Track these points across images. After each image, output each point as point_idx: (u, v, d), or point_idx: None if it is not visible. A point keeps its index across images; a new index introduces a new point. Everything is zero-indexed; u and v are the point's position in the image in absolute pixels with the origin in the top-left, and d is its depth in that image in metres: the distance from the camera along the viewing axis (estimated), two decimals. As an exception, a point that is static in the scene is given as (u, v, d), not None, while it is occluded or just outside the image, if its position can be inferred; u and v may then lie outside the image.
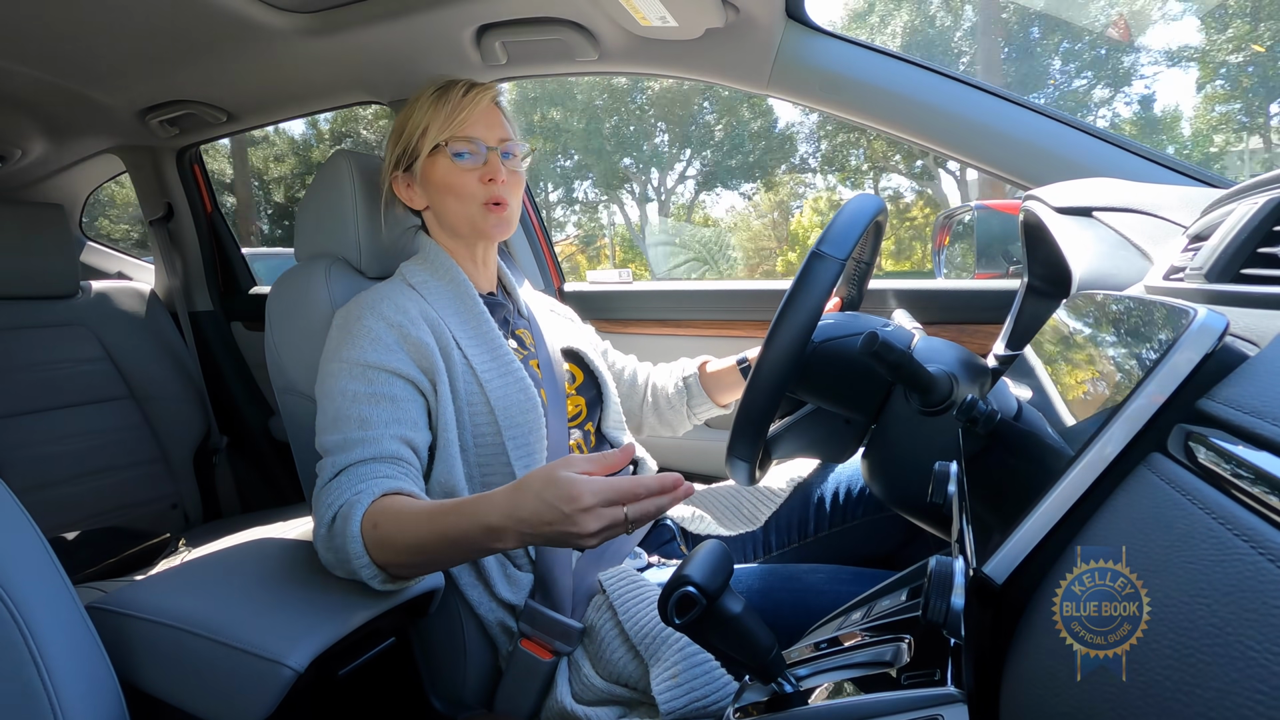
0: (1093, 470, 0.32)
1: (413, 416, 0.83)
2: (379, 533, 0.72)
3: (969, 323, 1.17)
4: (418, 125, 0.93)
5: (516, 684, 0.86)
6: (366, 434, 0.79)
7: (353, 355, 0.84)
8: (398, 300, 0.89)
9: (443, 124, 0.91)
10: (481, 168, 0.92)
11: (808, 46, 1.08)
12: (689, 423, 1.17)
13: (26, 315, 1.53)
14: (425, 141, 0.92)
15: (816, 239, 0.68)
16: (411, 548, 0.71)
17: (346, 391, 0.82)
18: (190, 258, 1.88)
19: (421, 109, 0.93)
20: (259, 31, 1.14)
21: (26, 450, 1.47)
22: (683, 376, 1.15)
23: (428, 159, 0.93)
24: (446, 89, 0.93)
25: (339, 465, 0.78)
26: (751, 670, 0.49)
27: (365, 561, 0.72)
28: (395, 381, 0.83)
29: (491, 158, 0.93)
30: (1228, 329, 0.31)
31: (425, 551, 0.71)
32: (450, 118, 0.91)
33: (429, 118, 0.92)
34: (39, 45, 1.20)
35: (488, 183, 0.92)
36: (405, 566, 0.73)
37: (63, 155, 1.79)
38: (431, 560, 0.73)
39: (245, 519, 1.64)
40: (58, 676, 0.56)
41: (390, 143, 0.98)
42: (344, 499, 0.75)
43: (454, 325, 0.91)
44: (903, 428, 0.71)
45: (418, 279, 0.95)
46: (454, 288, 0.94)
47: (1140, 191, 0.75)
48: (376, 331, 0.85)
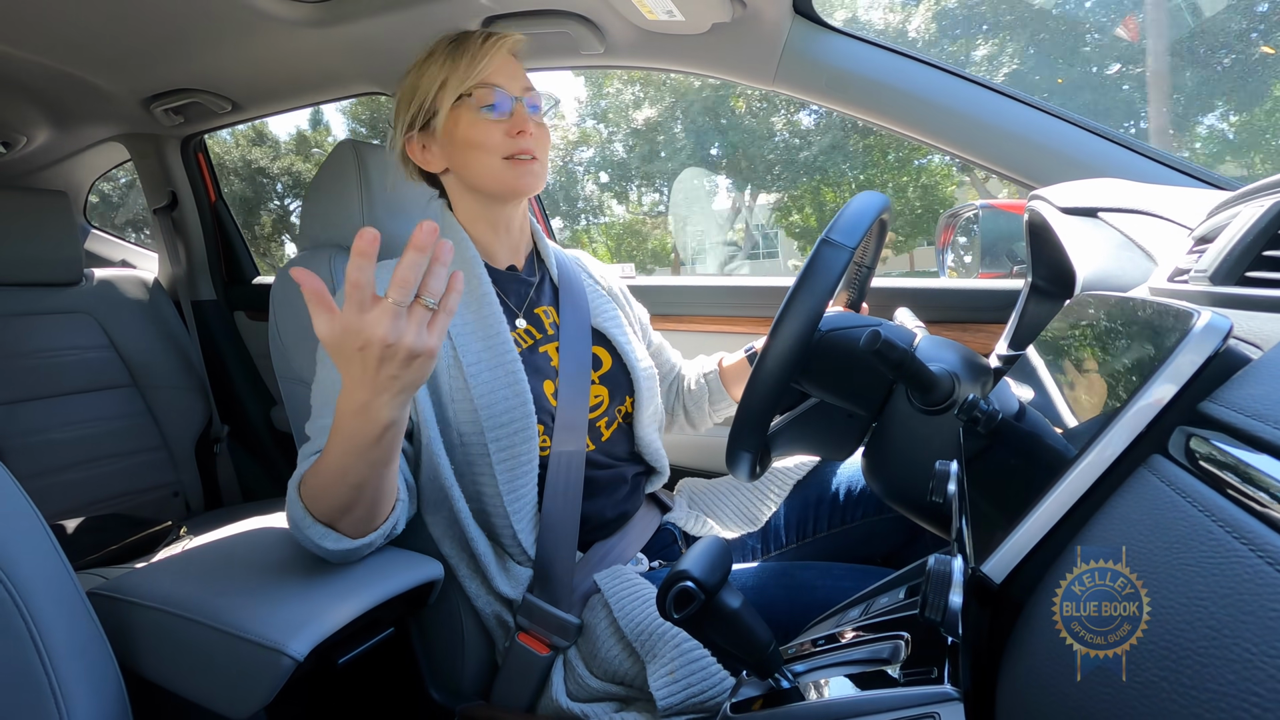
0: (1093, 471, 0.32)
1: None
2: (308, 486, 0.72)
3: (972, 322, 1.17)
4: (434, 79, 0.86)
5: (513, 677, 0.86)
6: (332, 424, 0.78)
7: None
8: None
9: (463, 74, 0.85)
10: (508, 120, 0.86)
11: (814, 42, 1.08)
12: (710, 420, 1.16)
13: (30, 302, 1.54)
14: (445, 95, 0.85)
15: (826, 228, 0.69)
16: (331, 480, 0.69)
17: (325, 380, 0.82)
18: (194, 247, 1.88)
19: (437, 61, 0.86)
20: (265, 20, 1.14)
21: (29, 437, 1.47)
22: (703, 373, 1.14)
23: (449, 114, 0.86)
24: (462, 39, 0.87)
25: (305, 453, 0.79)
26: (748, 666, 0.50)
27: (309, 521, 0.71)
28: None
29: (518, 109, 0.86)
30: (1231, 331, 0.31)
31: (340, 474, 0.68)
32: (470, 67, 0.85)
33: (446, 70, 0.85)
34: (45, 32, 1.20)
35: (516, 135, 0.86)
36: (345, 510, 0.71)
37: (67, 143, 1.80)
38: (353, 482, 0.69)
39: (246, 508, 1.65)
40: (59, 661, 0.56)
41: (401, 105, 0.91)
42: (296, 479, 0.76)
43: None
44: (904, 426, 0.71)
45: None
46: (462, 266, 0.89)
47: (1146, 193, 0.75)
48: None
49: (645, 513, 1.01)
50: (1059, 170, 0.98)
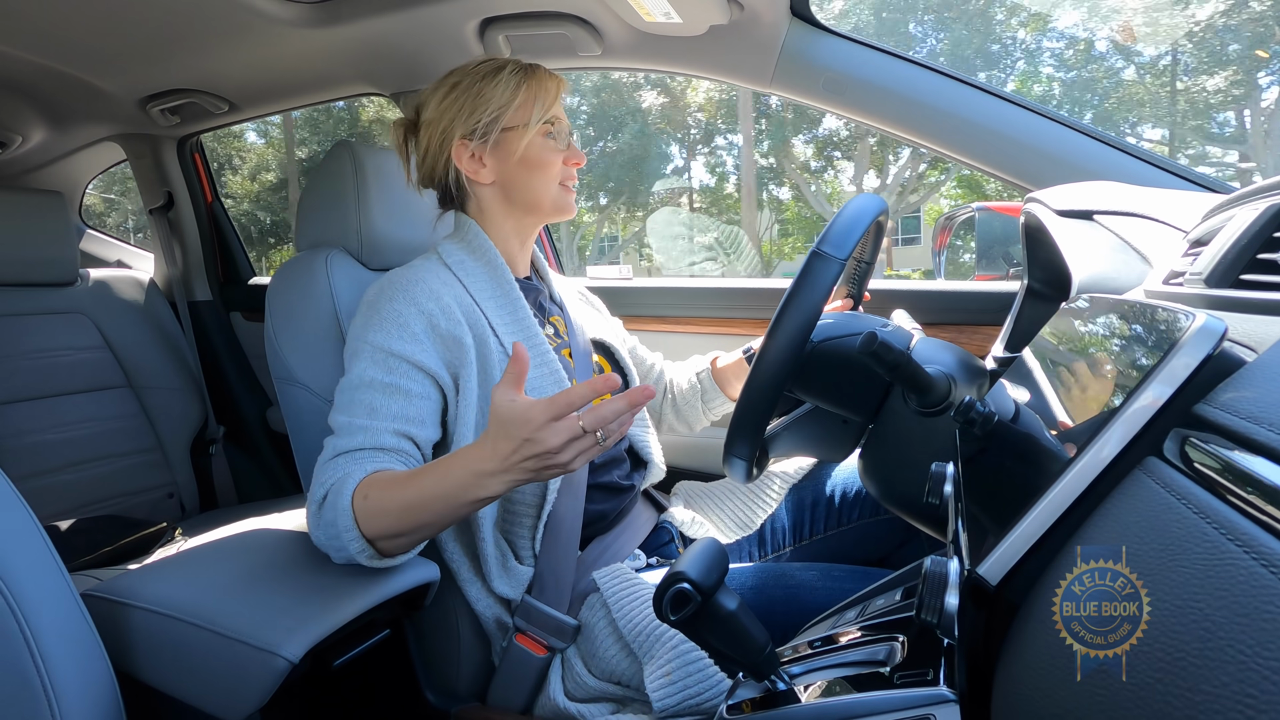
0: (1089, 473, 0.32)
1: (421, 414, 0.82)
2: (369, 503, 0.72)
3: (968, 324, 1.17)
4: (505, 100, 0.90)
5: (510, 679, 0.86)
6: (370, 423, 0.79)
7: (379, 340, 0.82)
8: (432, 285, 0.86)
9: (541, 104, 0.91)
10: (567, 150, 0.94)
11: (812, 44, 1.08)
12: (705, 419, 1.17)
13: (25, 302, 1.53)
14: (525, 115, 0.90)
15: (818, 238, 0.69)
16: (401, 509, 0.71)
17: (365, 376, 0.81)
18: (190, 247, 1.87)
19: (506, 84, 0.90)
20: (262, 21, 1.14)
21: (24, 437, 1.46)
22: (696, 373, 1.15)
23: (516, 133, 0.91)
24: (530, 69, 0.93)
25: (338, 449, 0.78)
26: (745, 668, 0.50)
27: (355, 534, 0.72)
28: (414, 375, 0.82)
29: (573, 142, 0.96)
30: (1226, 334, 0.31)
31: (415, 510, 0.71)
32: (543, 98, 0.92)
33: (528, 94, 0.91)
34: (41, 31, 1.19)
35: (573, 165, 0.95)
36: (394, 536, 0.73)
37: (63, 142, 1.79)
38: (421, 521, 0.73)
39: (241, 509, 1.64)
40: (52, 663, 0.56)
41: (453, 108, 0.92)
42: (336, 477, 0.76)
43: (490, 310, 0.89)
44: (900, 428, 0.71)
45: (454, 259, 0.92)
46: (491, 270, 0.92)
47: (1141, 195, 0.75)
48: (406, 317, 0.83)
49: (641, 510, 1.02)
50: (1055, 173, 0.98)
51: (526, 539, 0.87)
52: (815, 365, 0.74)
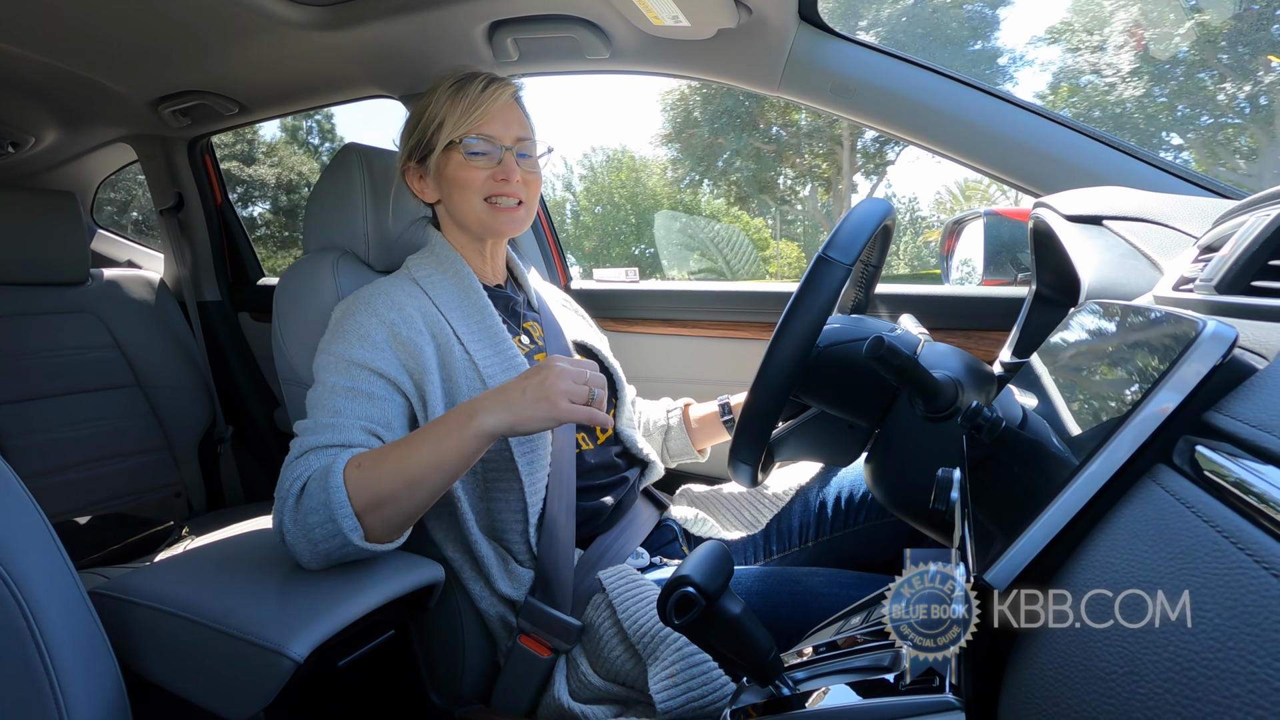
0: (1097, 480, 0.31)
1: (386, 416, 0.82)
2: (362, 470, 0.73)
3: (976, 329, 1.17)
4: (433, 118, 0.91)
5: (514, 680, 0.86)
6: (335, 421, 0.79)
7: (341, 350, 0.84)
8: (395, 298, 0.89)
9: (458, 119, 0.89)
10: (495, 167, 0.91)
11: (820, 48, 1.08)
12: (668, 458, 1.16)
13: (37, 301, 1.54)
14: (440, 136, 0.91)
15: (823, 243, 0.68)
16: (396, 470, 0.73)
17: (327, 383, 0.83)
18: (199, 248, 1.88)
19: (438, 101, 0.91)
20: (272, 24, 1.14)
21: (33, 435, 1.47)
22: (667, 411, 1.16)
23: (441, 154, 0.92)
24: (465, 82, 0.91)
25: (305, 446, 0.79)
26: (749, 672, 0.49)
27: (348, 511, 0.72)
28: (376, 380, 0.83)
29: (506, 157, 0.92)
30: (1236, 341, 0.31)
31: (409, 457, 0.74)
32: (466, 113, 0.89)
33: (445, 111, 0.90)
34: (54, 33, 1.21)
35: (500, 181, 0.91)
36: (386, 503, 0.73)
37: (75, 143, 1.81)
38: (414, 474, 0.74)
39: (248, 508, 1.65)
40: (59, 660, 0.57)
41: (405, 131, 0.97)
42: (314, 467, 0.76)
43: (456, 320, 0.91)
44: (907, 433, 0.70)
45: (422, 273, 0.95)
46: (458, 281, 0.94)
47: (1151, 201, 0.75)
48: (367, 328, 0.85)
49: (643, 508, 1.03)
50: (1064, 178, 0.97)
51: (520, 542, 0.88)
52: (821, 370, 0.74)
